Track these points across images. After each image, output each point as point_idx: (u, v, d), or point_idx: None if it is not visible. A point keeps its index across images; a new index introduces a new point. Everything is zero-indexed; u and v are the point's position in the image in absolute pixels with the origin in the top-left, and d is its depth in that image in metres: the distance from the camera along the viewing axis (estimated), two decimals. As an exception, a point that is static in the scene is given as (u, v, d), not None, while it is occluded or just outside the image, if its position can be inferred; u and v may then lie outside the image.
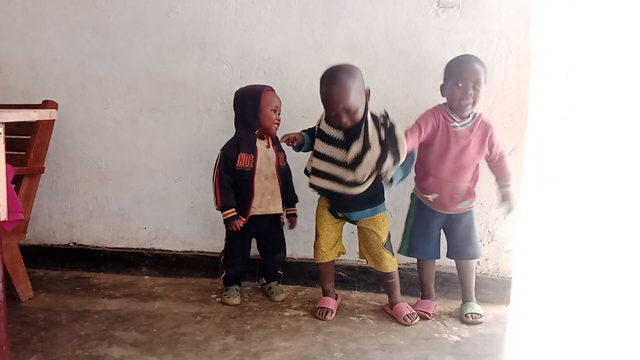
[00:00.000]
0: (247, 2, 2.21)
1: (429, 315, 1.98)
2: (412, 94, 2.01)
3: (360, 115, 1.76)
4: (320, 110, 2.14)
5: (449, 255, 2.02)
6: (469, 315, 1.94)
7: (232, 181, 2.02)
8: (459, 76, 1.82)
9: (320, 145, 1.87)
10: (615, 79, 2.07)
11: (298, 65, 2.21)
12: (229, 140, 2.07)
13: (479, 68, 1.83)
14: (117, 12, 2.31)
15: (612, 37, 2.07)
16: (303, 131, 1.94)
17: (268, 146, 2.06)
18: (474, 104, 1.84)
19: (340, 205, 1.93)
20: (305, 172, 1.96)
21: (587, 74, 2.10)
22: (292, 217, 2.18)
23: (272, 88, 2.08)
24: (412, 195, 2.03)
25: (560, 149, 2.16)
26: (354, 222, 1.98)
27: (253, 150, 2.02)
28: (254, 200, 2.02)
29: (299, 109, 2.21)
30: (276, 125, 2.06)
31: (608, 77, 2.08)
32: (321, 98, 1.81)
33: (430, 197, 1.93)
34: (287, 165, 2.14)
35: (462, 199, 1.91)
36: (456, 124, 1.87)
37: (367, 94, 1.80)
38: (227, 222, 2.01)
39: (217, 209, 2.04)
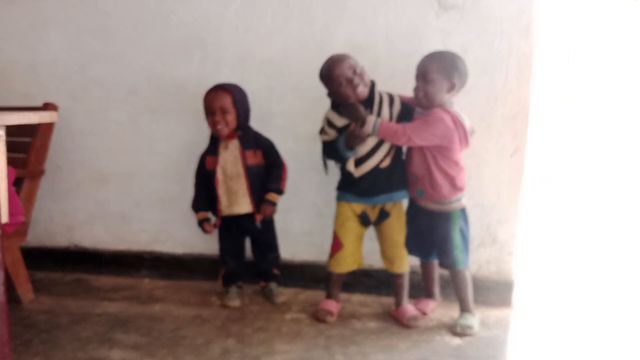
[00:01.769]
0: (248, 4, 2.21)
1: (425, 313, 1.99)
2: (413, 94, 1.99)
3: (369, 81, 1.88)
4: (321, 111, 2.14)
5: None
6: (459, 326, 1.87)
7: (205, 184, 2.08)
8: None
9: None
10: (617, 81, 2.06)
11: (299, 66, 2.21)
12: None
13: (427, 61, 1.84)
14: (118, 14, 2.31)
15: (614, 38, 2.06)
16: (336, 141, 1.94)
17: (226, 147, 2.04)
18: (426, 96, 1.83)
19: (380, 187, 1.92)
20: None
21: (588, 75, 2.09)
22: (266, 204, 2.04)
23: (212, 88, 2.02)
24: None
25: (562, 151, 2.15)
26: (380, 222, 1.96)
27: (216, 152, 2.04)
28: (219, 202, 2.05)
29: (300, 110, 2.21)
30: (221, 127, 1.99)
31: (609, 79, 2.08)
32: (329, 75, 1.87)
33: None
34: (268, 159, 2.08)
35: (414, 185, 1.90)
36: (419, 111, 1.90)
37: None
38: (199, 224, 2.09)
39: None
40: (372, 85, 1.91)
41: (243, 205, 2.05)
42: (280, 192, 2.08)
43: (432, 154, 1.85)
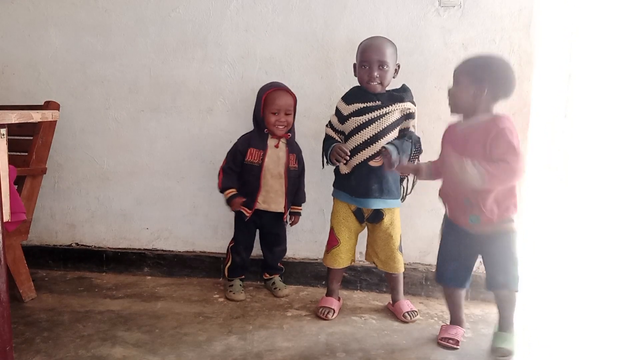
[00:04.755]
0: (249, 1, 2.21)
1: (456, 341, 1.77)
2: (413, 93, 2.00)
3: (388, 81, 1.88)
4: (321, 110, 2.15)
5: (485, 286, 1.77)
6: (498, 350, 1.70)
7: (237, 170, 2.08)
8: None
9: (350, 123, 1.89)
10: (618, 78, 2.06)
11: (299, 65, 2.21)
12: (247, 133, 2.12)
13: (460, 63, 1.71)
14: (119, 12, 2.31)
15: (615, 35, 2.06)
16: (330, 142, 1.96)
17: (277, 146, 2.06)
18: (452, 99, 1.72)
19: (371, 189, 1.88)
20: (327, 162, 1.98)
21: (589, 72, 2.09)
22: (296, 216, 2.19)
23: (279, 87, 2.06)
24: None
25: (563, 148, 2.15)
26: (375, 218, 1.95)
27: (263, 147, 2.06)
28: (259, 195, 2.06)
29: (301, 108, 2.21)
30: (281, 127, 2.05)
31: (611, 76, 2.07)
32: (358, 53, 1.91)
33: (445, 210, 1.80)
34: (299, 166, 2.14)
35: (469, 211, 1.67)
36: (461, 124, 1.73)
37: (396, 70, 1.92)
38: (229, 201, 2.08)
39: (219, 191, 2.10)
40: (399, 90, 1.90)
41: (279, 204, 2.09)
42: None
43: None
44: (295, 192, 2.15)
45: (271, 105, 2.02)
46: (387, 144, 1.86)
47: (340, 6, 2.15)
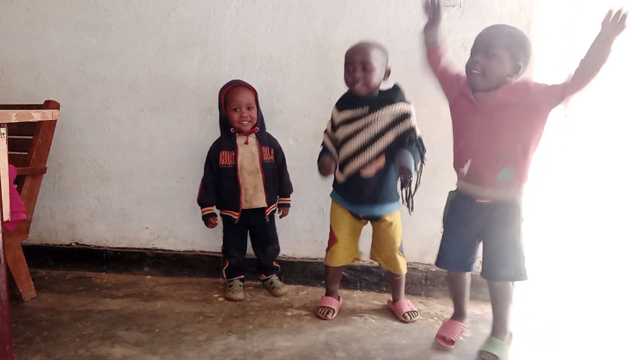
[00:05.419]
0: (248, 1, 2.21)
1: (451, 341, 1.75)
2: (413, 93, 2.00)
3: (375, 82, 1.82)
4: (321, 109, 2.15)
5: (481, 274, 1.70)
6: (483, 353, 1.65)
7: (215, 180, 2.09)
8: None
9: (342, 130, 1.86)
10: (618, 78, 2.06)
11: (299, 64, 2.21)
12: (216, 139, 2.12)
13: (492, 34, 1.62)
14: (119, 12, 2.31)
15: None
16: (325, 152, 1.95)
17: (246, 142, 2.07)
18: (484, 74, 1.58)
19: (364, 198, 1.86)
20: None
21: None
22: (284, 207, 2.19)
23: (237, 84, 2.06)
24: (449, 193, 1.78)
25: (562, 148, 2.15)
26: (372, 219, 1.94)
27: (233, 148, 2.06)
28: (242, 195, 2.06)
29: (300, 108, 2.22)
30: (245, 123, 2.05)
31: (610, 76, 2.07)
32: (346, 54, 1.85)
33: (465, 168, 1.64)
34: (278, 158, 2.14)
35: (502, 165, 1.56)
36: (483, 98, 1.61)
37: (387, 73, 1.87)
38: (204, 219, 2.11)
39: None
40: (388, 91, 1.86)
41: (260, 200, 2.09)
42: (290, 194, 2.21)
43: (541, 122, 1.55)
44: (279, 184, 2.15)
45: (231, 102, 2.03)
46: (399, 154, 1.78)
47: (340, 6, 2.15)
